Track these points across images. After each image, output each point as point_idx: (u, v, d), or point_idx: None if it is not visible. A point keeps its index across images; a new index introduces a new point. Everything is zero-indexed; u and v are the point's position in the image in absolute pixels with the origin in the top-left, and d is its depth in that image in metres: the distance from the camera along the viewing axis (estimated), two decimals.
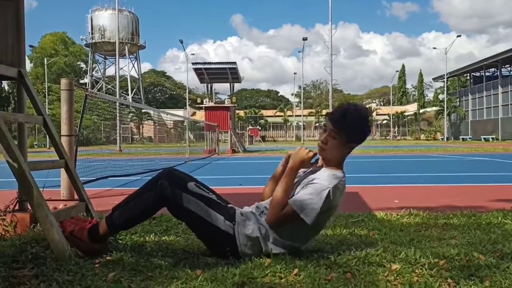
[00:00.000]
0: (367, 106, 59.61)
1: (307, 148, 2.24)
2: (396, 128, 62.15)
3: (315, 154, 2.22)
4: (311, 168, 2.27)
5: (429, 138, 50.91)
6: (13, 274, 1.85)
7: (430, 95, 75.72)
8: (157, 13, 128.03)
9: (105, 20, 57.53)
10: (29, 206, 2.58)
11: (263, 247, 2.16)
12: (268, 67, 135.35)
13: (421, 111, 60.23)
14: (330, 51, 24.97)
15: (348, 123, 2.17)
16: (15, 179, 2.28)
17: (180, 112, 46.30)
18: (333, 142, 2.20)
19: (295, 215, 2.09)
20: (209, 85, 23.59)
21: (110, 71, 63.91)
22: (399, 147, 23.61)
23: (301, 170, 2.27)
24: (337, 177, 2.16)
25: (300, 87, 57.08)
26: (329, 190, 2.09)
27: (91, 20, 59.03)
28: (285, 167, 2.27)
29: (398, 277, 1.84)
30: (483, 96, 48.27)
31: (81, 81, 62.61)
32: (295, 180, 2.22)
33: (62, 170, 3.60)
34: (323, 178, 2.14)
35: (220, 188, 5.34)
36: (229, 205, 2.28)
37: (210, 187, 2.37)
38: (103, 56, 62.92)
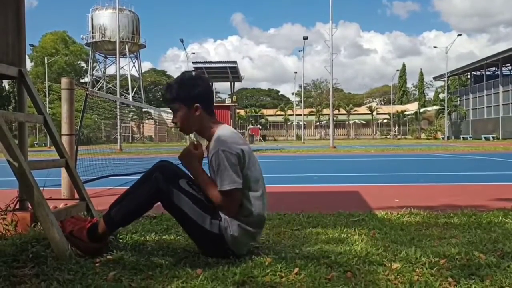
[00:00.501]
0: (368, 105, 59.25)
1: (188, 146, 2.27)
2: (397, 127, 62.13)
3: (191, 143, 2.26)
4: (206, 152, 2.27)
5: (429, 137, 50.88)
6: (14, 273, 1.85)
7: (430, 94, 75.83)
8: (158, 12, 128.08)
9: (106, 19, 57.51)
10: (29, 205, 2.58)
11: (250, 230, 2.16)
12: (269, 66, 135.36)
13: (421, 110, 60.21)
14: (331, 50, 24.95)
15: (172, 92, 2.23)
16: (15, 178, 2.28)
17: None
18: (179, 117, 2.24)
19: (232, 193, 2.10)
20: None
21: (111, 70, 63.94)
22: (400, 146, 23.60)
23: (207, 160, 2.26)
24: (218, 136, 2.18)
25: (300, 86, 57.12)
26: (219, 149, 2.11)
27: (92, 19, 59.03)
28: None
29: (398, 276, 1.84)
30: (483, 95, 48.22)
31: (82, 80, 62.64)
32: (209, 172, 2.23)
33: (63, 169, 3.60)
34: (212, 150, 2.17)
35: None
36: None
37: None
38: (103, 55, 62.91)
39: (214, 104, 2.43)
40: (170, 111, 2.30)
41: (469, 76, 55.46)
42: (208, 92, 2.28)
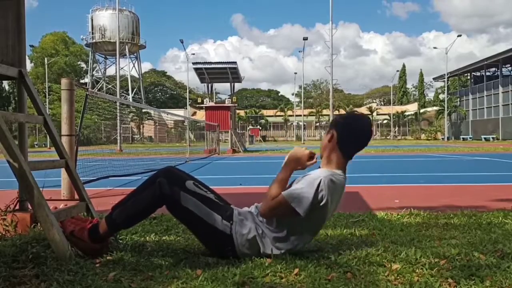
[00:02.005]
0: (368, 106, 59.17)
1: (307, 148, 2.25)
2: (397, 128, 62.13)
3: (311, 153, 2.21)
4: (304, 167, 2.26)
5: (429, 138, 50.87)
6: (14, 273, 1.85)
7: (430, 94, 75.79)
8: (158, 13, 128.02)
9: (106, 19, 57.53)
10: (29, 206, 2.58)
11: (260, 247, 2.15)
12: (269, 67, 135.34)
13: (421, 110, 60.22)
14: (331, 50, 24.97)
15: (343, 126, 2.24)
16: (15, 179, 2.28)
17: (180, 112, 46.33)
18: (327, 141, 2.25)
19: (287, 205, 2.08)
20: (209, 84, 23.59)
21: (111, 71, 63.97)
22: (400, 147, 23.61)
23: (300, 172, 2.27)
24: (332, 173, 2.17)
25: (300, 86, 57.12)
26: (321, 179, 2.09)
27: (92, 20, 59.04)
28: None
29: (398, 277, 1.84)
30: (483, 96, 48.23)
31: (82, 81, 62.61)
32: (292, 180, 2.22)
33: (63, 170, 3.60)
34: (317, 172, 2.17)
35: (221, 188, 5.34)
36: (227, 205, 2.28)
37: (210, 187, 2.37)
38: (103, 56, 62.93)
39: (214, 104, 2.42)
40: (171, 112, 2.31)
41: (469, 77, 55.47)
42: (359, 140, 2.27)
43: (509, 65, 48.66)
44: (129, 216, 2.20)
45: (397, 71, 68.37)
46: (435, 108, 58.77)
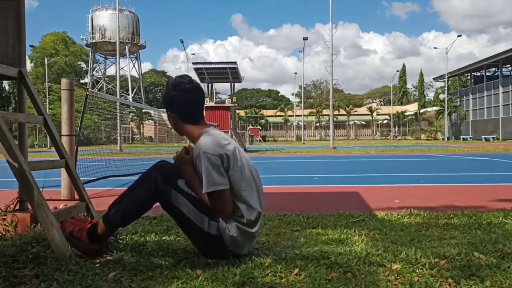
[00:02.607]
0: (368, 106, 59.04)
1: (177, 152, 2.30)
2: (397, 128, 62.14)
3: (184, 149, 2.27)
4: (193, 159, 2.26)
5: (429, 138, 50.88)
6: (14, 273, 1.85)
7: (430, 94, 75.81)
8: (158, 13, 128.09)
9: (106, 20, 57.54)
10: (29, 206, 2.58)
11: (249, 231, 2.16)
12: (269, 67, 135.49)
13: (421, 111, 60.23)
14: (331, 50, 24.95)
15: (169, 104, 2.29)
16: (15, 179, 2.28)
17: None
18: (174, 126, 2.33)
19: (216, 193, 2.09)
20: (209, 84, 23.61)
21: (111, 71, 63.98)
22: (400, 147, 23.61)
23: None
24: (201, 140, 2.17)
25: (300, 86, 57.11)
26: (200, 152, 2.11)
27: (92, 20, 59.04)
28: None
29: (398, 277, 1.84)
30: (483, 96, 48.23)
31: (82, 81, 62.59)
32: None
33: (63, 170, 3.60)
34: (195, 153, 2.17)
35: None
36: None
37: None
38: (103, 56, 62.93)
39: (214, 104, 2.43)
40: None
41: (469, 77, 55.47)
42: (182, 99, 2.25)
43: (509, 65, 48.64)
44: (126, 214, 2.19)
45: (397, 71, 68.42)
46: (435, 108, 58.77)
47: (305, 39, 39.47)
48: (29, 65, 58.27)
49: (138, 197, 2.17)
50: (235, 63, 21.78)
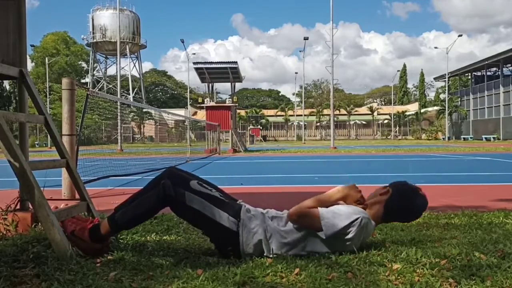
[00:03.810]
0: (369, 106, 59.02)
1: (356, 186, 2.32)
2: (397, 128, 62.11)
3: (362, 198, 2.29)
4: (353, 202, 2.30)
5: (430, 138, 50.86)
6: (15, 273, 1.85)
7: (431, 94, 75.77)
8: (158, 13, 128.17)
9: (106, 19, 57.58)
10: (30, 206, 2.58)
11: (264, 249, 2.15)
12: (269, 67, 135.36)
13: (422, 110, 60.20)
14: (331, 50, 24.95)
15: (398, 193, 2.33)
16: (16, 179, 2.28)
17: (181, 111, 46.38)
18: (379, 193, 2.34)
19: (317, 220, 2.10)
20: (210, 84, 23.59)
21: (111, 71, 64.03)
22: (400, 147, 23.59)
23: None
24: (369, 217, 2.21)
25: (301, 86, 57.08)
26: (360, 217, 2.12)
27: (92, 19, 59.08)
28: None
29: (399, 277, 1.84)
30: (484, 96, 48.19)
31: (82, 81, 62.70)
32: None
33: (63, 170, 3.60)
34: (357, 208, 2.20)
35: (221, 187, 5.33)
36: (234, 202, 2.28)
37: None
38: (104, 56, 62.98)
39: (215, 104, 2.44)
40: (172, 112, 2.32)
41: (469, 77, 55.42)
42: (399, 214, 2.37)
43: (509, 65, 48.58)
44: (132, 217, 2.20)
45: (398, 71, 68.37)
46: (435, 108, 58.75)
47: (306, 38, 39.48)
48: (30, 65, 58.32)
49: (147, 202, 2.18)
50: (235, 62, 21.76)
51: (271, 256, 2.14)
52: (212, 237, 2.25)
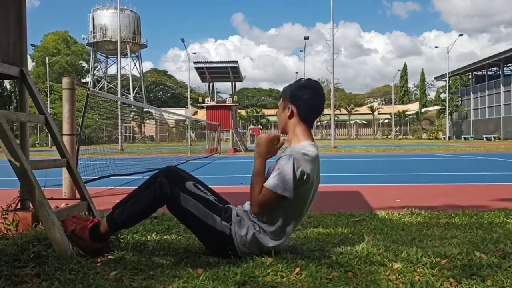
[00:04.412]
0: (369, 105, 58.77)
1: (263, 137, 2.24)
2: (398, 127, 62.07)
3: (275, 136, 2.22)
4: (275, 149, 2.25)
5: (430, 137, 50.82)
6: (15, 272, 1.85)
7: (432, 94, 75.74)
8: (159, 12, 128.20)
9: (107, 19, 57.63)
10: (31, 205, 2.58)
11: (262, 244, 2.15)
12: (270, 66, 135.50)
13: (423, 110, 60.15)
14: (332, 50, 24.93)
15: (292, 91, 2.25)
16: (17, 178, 2.29)
17: (181, 111, 46.33)
18: (283, 114, 2.27)
19: (274, 195, 2.08)
20: (210, 84, 23.60)
21: (112, 70, 64.05)
22: (401, 146, 23.58)
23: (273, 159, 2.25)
24: (302, 147, 2.16)
25: None
26: (293, 157, 2.09)
27: (93, 19, 59.12)
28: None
29: (399, 277, 1.84)
30: (485, 95, 48.14)
31: (83, 80, 62.73)
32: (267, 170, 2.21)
33: (64, 169, 3.60)
34: (285, 155, 2.15)
35: (222, 187, 5.34)
36: (226, 206, 2.27)
37: (211, 186, 2.37)
38: (104, 55, 63.03)
39: (215, 104, 2.43)
40: (172, 112, 2.31)
41: (470, 76, 55.36)
42: (313, 99, 2.25)
43: (510, 64, 48.55)
44: (130, 215, 2.20)
45: (398, 70, 68.34)
46: (436, 107, 58.69)
47: (306, 38, 39.45)
48: (30, 64, 58.35)
49: (144, 200, 2.18)
50: (236, 62, 21.76)
51: (269, 246, 2.14)
52: (205, 241, 2.24)
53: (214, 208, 2.17)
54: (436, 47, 78.78)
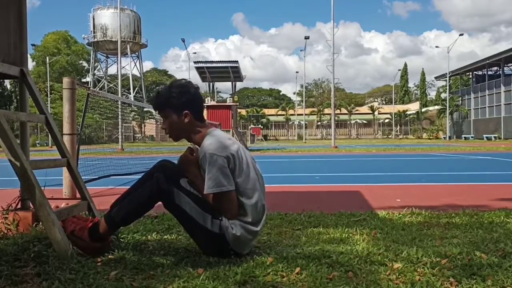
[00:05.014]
0: (370, 105, 58.95)
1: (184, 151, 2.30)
2: (398, 127, 62.07)
3: (188, 150, 2.27)
4: (196, 159, 2.26)
5: (431, 137, 50.81)
6: (16, 272, 1.86)
7: (432, 93, 75.70)
8: (159, 12, 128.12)
9: (107, 19, 57.59)
10: (31, 205, 2.58)
11: (251, 232, 2.17)
12: (270, 66, 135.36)
13: (423, 110, 60.15)
14: (332, 49, 24.92)
15: (161, 98, 2.26)
16: (17, 178, 2.29)
17: None
18: (167, 123, 2.28)
19: (220, 195, 2.11)
20: (211, 83, 23.61)
21: (112, 70, 64.02)
22: (401, 146, 23.57)
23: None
24: (206, 140, 2.18)
25: (302, 85, 57.07)
26: (206, 155, 2.11)
27: (93, 19, 59.08)
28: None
29: (400, 276, 1.84)
30: (485, 95, 48.11)
31: (83, 80, 62.71)
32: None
33: (64, 169, 3.61)
34: (200, 153, 2.18)
35: None
36: None
37: None
38: (105, 55, 63.00)
39: (216, 103, 2.44)
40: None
41: (470, 76, 55.33)
42: (196, 98, 2.29)
43: (511, 64, 48.51)
44: (128, 213, 2.19)
45: (399, 70, 68.36)
46: (436, 107, 58.66)
47: (307, 38, 39.45)
48: (30, 64, 58.37)
49: (140, 196, 2.17)
50: (236, 62, 21.75)
51: (255, 229, 2.17)
52: (198, 239, 2.23)
53: (205, 207, 2.16)
54: (436, 46, 78.60)
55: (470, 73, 54.47)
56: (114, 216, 2.18)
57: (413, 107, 64.60)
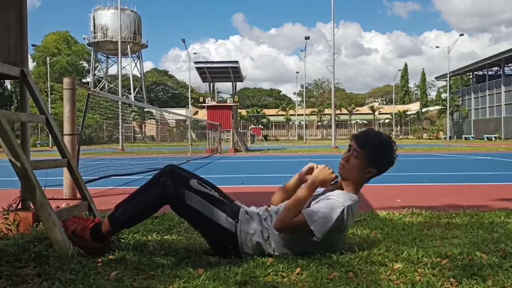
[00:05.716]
0: (370, 105, 59.00)
1: (329, 168, 2.27)
2: (399, 127, 62.04)
3: (336, 177, 2.25)
4: (329, 189, 2.28)
5: (431, 137, 50.80)
6: (16, 272, 1.85)
7: (432, 94, 75.70)
8: (159, 12, 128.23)
9: (108, 19, 57.68)
10: (32, 205, 2.58)
11: (264, 250, 2.15)
12: (270, 66, 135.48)
13: (423, 110, 60.14)
14: (333, 49, 24.93)
15: (372, 146, 2.23)
16: (18, 178, 2.29)
17: (182, 111, 46.38)
18: (354, 161, 2.24)
19: (305, 226, 2.08)
20: (211, 84, 23.59)
21: (112, 70, 64.09)
22: (402, 146, 23.43)
23: (319, 189, 2.28)
24: (352, 198, 2.18)
25: (302, 86, 57.06)
26: (343, 208, 2.10)
27: (94, 19, 59.17)
28: (298, 180, 2.36)
29: (400, 277, 1.84)
30: (485, 95, 48.12)
31: (84, 80, 62.77)
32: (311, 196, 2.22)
33: (65, 169, 3.60)
34: (339, 197, 2.16)
35: (222, 187, 5.30)
36: (233, 202, 2.28)
37: None
38: (105, 55, 63.09)
39: (216, 104, 2.44)
40: (173, 112, 2.31)
41: (471, 76, 55.33)
42: (386, 168, 2.31)
43: (511, 64, 48.51)
44: (132, 215, 2.20)
45: (399, 70, 68.31)
46: (437, 107, 58.65)
47: (307, 38, 39.46)
48: (31, 64, 58.38)
49: (146, 200, 2.18)
50: (236, 62, 21.76)
51: (272, 253, 2.14)
52: (209, 237, 2.24)
53: (219, 204, 2.18)
54: (436, 46, 78.69)
55: (471, 73, 54.47)
56: (118, 217, 2.19)
57: (413, 107, 64.59)
